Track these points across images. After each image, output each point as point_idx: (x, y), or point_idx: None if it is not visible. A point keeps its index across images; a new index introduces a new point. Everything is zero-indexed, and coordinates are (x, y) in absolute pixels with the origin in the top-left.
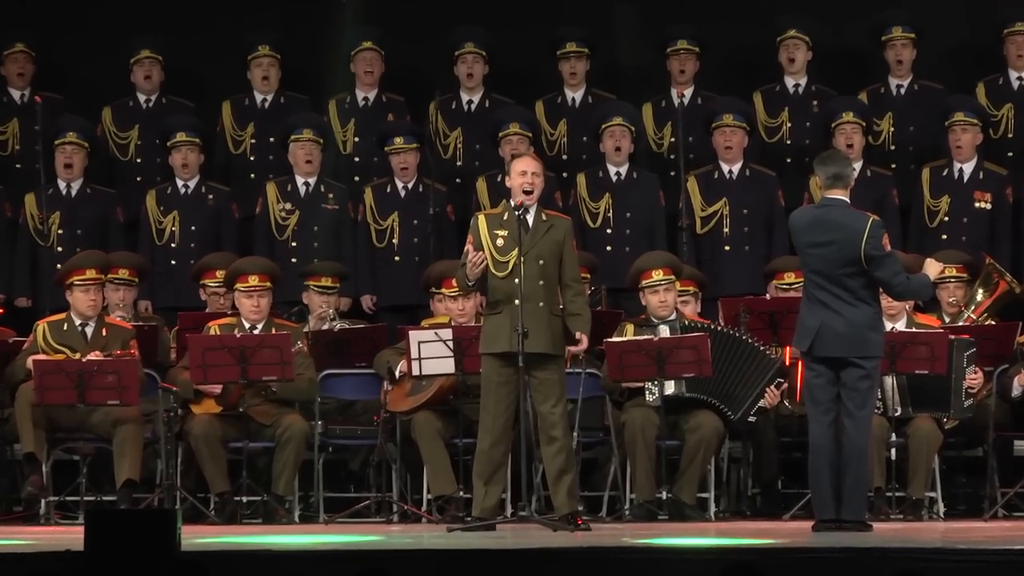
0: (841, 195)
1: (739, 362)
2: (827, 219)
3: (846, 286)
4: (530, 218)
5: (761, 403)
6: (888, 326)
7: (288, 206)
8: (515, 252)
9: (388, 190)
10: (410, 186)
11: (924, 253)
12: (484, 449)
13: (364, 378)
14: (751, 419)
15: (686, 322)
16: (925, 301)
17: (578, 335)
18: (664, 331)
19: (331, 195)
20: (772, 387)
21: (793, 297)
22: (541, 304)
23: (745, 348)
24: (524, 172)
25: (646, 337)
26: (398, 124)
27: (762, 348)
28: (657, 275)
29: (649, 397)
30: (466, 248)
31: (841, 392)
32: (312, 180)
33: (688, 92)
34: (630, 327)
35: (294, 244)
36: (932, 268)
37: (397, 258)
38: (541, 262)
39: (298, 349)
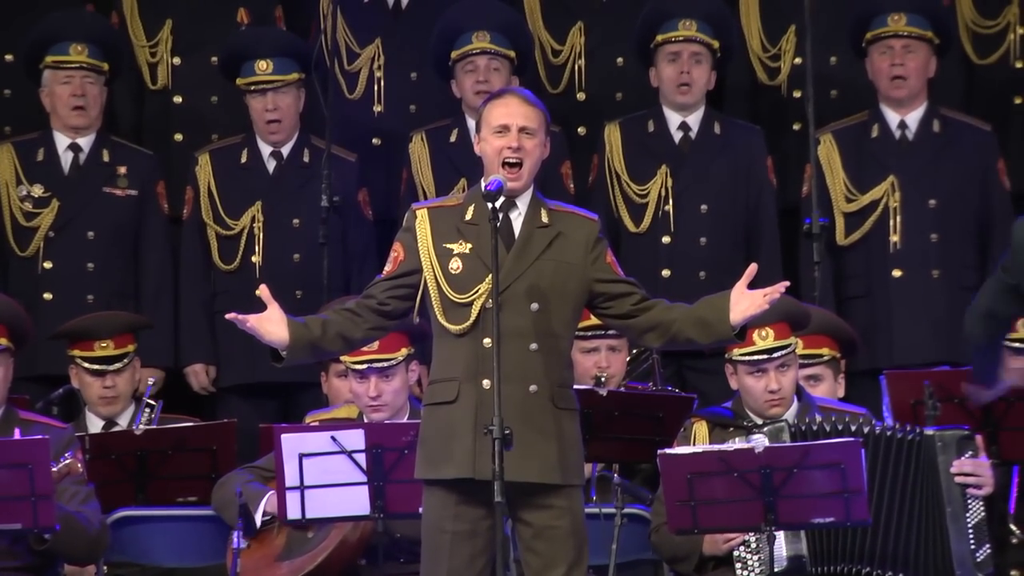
0: None
1: (926, 495)
2: None
3: None
4: (517, 218)
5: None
6: None
7: (38, 190)
8: (485, 285)
9: (243, 160)
10: (286, 152)
11: None
12: None
13: (194, 525)
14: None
15: (814, 417)
16: None
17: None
18: (762, 440)
19: (123, 169)
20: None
21: None
22: (535, 388)
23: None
24: (505, 128)
25: (740, 446)
26: (262, 34)
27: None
28: (764, 340)
29: (743, 574)
30: (386, 269)
31: None
32: (86, 141)
33: None
34: (702, 427)
35: (48, 265)
36: None
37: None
38: (536, 306)
39: (65, 467)
